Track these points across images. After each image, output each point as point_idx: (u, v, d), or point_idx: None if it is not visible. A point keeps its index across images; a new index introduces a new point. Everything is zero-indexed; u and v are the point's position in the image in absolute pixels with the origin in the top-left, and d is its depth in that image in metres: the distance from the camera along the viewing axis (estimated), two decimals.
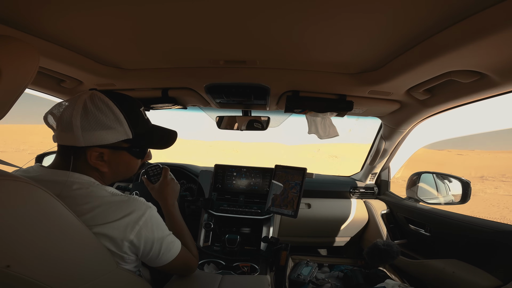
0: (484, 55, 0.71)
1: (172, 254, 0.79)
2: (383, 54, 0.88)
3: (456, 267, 1.20)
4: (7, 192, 0.48)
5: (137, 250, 0.70)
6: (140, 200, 0.72)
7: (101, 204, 0.65)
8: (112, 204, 0.67)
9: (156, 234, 0.73)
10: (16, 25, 0.76)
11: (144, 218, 0.69)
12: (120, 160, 0.75)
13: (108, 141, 0.69)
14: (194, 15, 0.68)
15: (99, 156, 0.70)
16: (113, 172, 0.76)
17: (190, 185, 1.96)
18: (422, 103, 1.19)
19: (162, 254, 0.75)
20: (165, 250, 0.76)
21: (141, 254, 0.72)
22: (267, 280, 1.06)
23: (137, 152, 0.78)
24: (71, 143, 0.66)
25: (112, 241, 0.65)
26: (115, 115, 0.69)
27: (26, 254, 0.50)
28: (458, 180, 1.50)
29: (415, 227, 1.55)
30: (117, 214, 0.66)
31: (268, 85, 1.19)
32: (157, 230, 0.73)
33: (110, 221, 0.64)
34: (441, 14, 0.62)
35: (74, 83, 1.23)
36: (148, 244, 0.71)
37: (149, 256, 0.74)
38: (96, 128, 0.66)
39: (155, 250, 0.73)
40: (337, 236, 1.94)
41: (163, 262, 0.78)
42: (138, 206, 0.70)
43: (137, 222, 0.68)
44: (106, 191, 0.69)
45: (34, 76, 0.54)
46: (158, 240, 0.73)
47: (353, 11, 0.63)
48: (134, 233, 0.67)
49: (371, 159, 1.82)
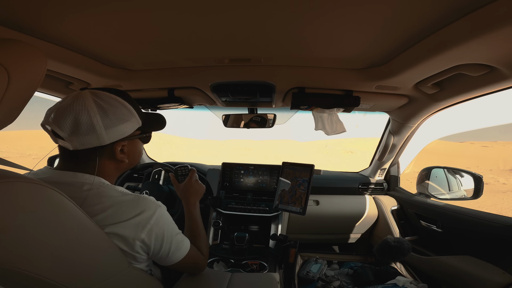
0: (493, 48, 0.69)
1: (181, 253, 0.80)
2: (389, 49, 0.86)
3: (469, 264, 1.18)
4: (20, 194, 0.49)
5: (148, 249, 0.71)
6: (150, 199, 0.73)
7: (113, 204, 0.66)
8: (123, 203, 0.68)
9: (166, 233, 0.74)
10: (23, 28, 0.77)
11: (155, 217, 0.70)
12: (135, 148, 0.79)
13: (127, 133, 0.72)
14: (198, 14, 0.68)
15: (121, 149, 0.73)
16: (130, 162, 0.79)
17: None
18: (431, 97, 1.16)
19: (172, 253, 0.76)
20: (175, 249, 0.77)
21: (152, 253, 0.73)
22: (276, 278, 1.06)
23: (146, 137, 0.83)
24: (95, 144, 0.67)
25: (124, 240, 0.66)
26: (126, 107, 0.72)
27: (41, 255, 0.51)
28: (470, 174, 1.47)
29: (426, 223, 1.53)
30: (128, 213, 0.67)
31: (273, 82, 1.19)
32: (167, 229, 0.74)
33: (121, 220, 0.65)
34: (449, 6, 0.61)
35: (82, 85, 1.25)
36: (158, 243, 0.72)
37: (159, 255, 0.75)
38: (117, 123, 0.69)
39: (165, 249, 0.74)
40: (347, 233, 1.92)
41: (173, 261, 0.79)
42: (149, 205, 0.71)
43: (148, 221, 0.69)
44: (116, 191, 0.70)
45: (43, 79, 0.55)
46: (168, 238, 0.74)
47: (359, 4, 0.62)
48: (145, 232, 0.68)
49: (380, 155, 1.80)
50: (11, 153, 22.71)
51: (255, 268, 1.32)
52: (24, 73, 0.50)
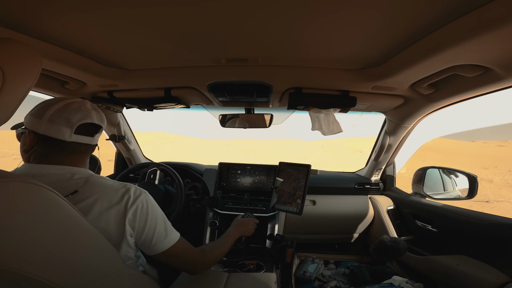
0: (488, 49, 0.70)
1: (167, 243, 0.82)
2: (385, 50, 0.87)
3: (464, 263, 1.19)
4: (16, 194, 0.48)
5: (133, 229, 0.76)
6: (135, 186, 0.81)
7: (103, 190, 0.75)
8: (112, 188, 0.76)
9: (150, 217, 0.79)
10: (18, 27, 0.76)
11: (140, 200, 0.78)
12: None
13: None
14: (195, 14, 0.68)
15: None
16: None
17: (195, 183, 1.97)
18: (426, 98, 1.17)
19: (156, 239, 0.80)
20: (159, 236, 0.81)
21: (135, 235, 0.77)
22: (273, 278, 1.06)
23: None
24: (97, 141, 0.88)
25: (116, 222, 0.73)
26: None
27: (37, 255, 0.51)
28: (464, 174, 1.48)
29: (422, 223, 1.54)
30: (117, 196, 0.75)
31: (270, 82, 1.19)
32: (151, 213, 0.80)
33: (113, 203, 0.74)
34: (444, 8, 0.61)
35: (78, 84, 1.24)
36: (142, 224, 0.77)
37: (142, 238, 0.78)
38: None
39: (149, 233, 0.79)
40: (343, 232, 1.93)
41: (158, 250, 0.81)
42: (134, 190, 0.79)
43: (134, 202, 0.76)
44: (104, 179, 0.79)
45: (37, 78, 0.55)
46: (151, 222, 0.79)
47: (354, 6, 0.63)
48: (131, 211, 0.75)
49: (376, 155, 1.81)
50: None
51: (252, 268, 1.32)
52: (19, 72, 0.50)
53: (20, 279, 0.49)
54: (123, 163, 2.16)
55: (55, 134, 0.73)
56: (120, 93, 1.40)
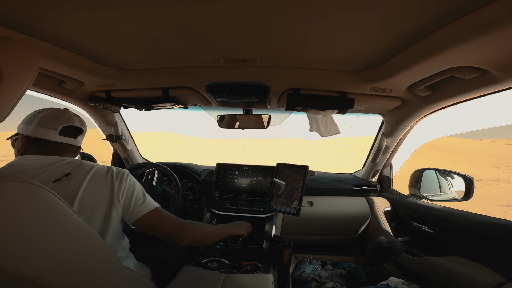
0: (485, 52, 0.71)
1: (144, 208, 0.93)
2: (383, 51, 0.87)
3: (460, 265, 1.19)
4: (12, 194, 0.48)
5: (118, 192, 0.89)
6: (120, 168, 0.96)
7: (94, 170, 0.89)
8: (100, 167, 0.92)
9: (129, 184, 0.93)
10: (16, 26, 0.76)
11: (121, 173, 0.94)
12: None
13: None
14: (194, 15, 0.68)
15: None
16: None
17: (192, 184, 1.96)
18: (424, 100, 1.18)
19: (134, 203, 0.91)
20: (137, 199, 0.93)
21: (117, 197, 0.88)
22: (270, 279, 1.06)
23: None
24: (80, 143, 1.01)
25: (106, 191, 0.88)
26: None
27: (33, 254, 0.51)
28: (461, 176, 1.49)
29: (418, 224, 1.55)
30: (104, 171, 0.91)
31: (268, 83, 1.19)
32: (130, 182, 0.94)
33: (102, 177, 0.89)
34: (441, 10, 0.62)
35: (75, 84, 1.23)
36: (121, 190, 0.90)
37: (122, 201, 0.89)
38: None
39: (127, 198, 0.91)
40: (340, 233, 1.93)
41: (136, 215, 0.91)
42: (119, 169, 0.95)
43: (118, 174, 0.93)
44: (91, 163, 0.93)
45: (35, 77, 0.55)
46: (129, 189, 0.92)
47: (353, 8, 0.63)
48: (117, 181, 0.90)
49: (373, 156, 1.82)
50: None
51: (249, 269, 1.32)
52: (17, 71, 0.50)
53: (16, 279, 0.48)
54: (120, 163, 2.15)
55: (43, 135, 0.87)
56: (118, 93, 1.39)
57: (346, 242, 2.00)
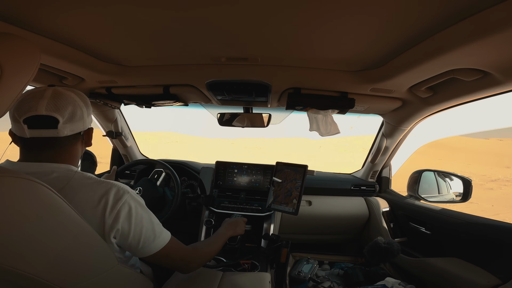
0: (487, 54, 0.70)
1: (155, 245, 0.77)
2: (385, 52, 0.87)
3: (456, 266, 1.20)
4: (9, 189, 0.48)
5: (117, 233, 0.70)
6: (117, 185, 0.73)
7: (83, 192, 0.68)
8: (91, 188, 0.69)
9: (135, 220, 0.72)
10: (17, 22, 0.76)
11: (121, 202, 0.70)
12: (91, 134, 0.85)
13: (90, 122, 0.82)
14: (196, 12, 0.68)
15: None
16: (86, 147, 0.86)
17: (191, 182, 1.96)
18: (424, 101, 1.18)
19: (143, 243, 0.74)
20: (146, 239, 0.74)
21: (119, 238, 0.71)
22: (268, 277, 1.06)
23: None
24: (80, 129, 0.76)
25: (98, 226, 0.67)
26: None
27: (29, 251, 0.50)
28: (459, 178, 1.50)
29: (415, 225, 1.55)
30: (95, 198, 0.68)
31: (269, 82, 1.19)
32: (135, 216, 0.72)
33: (92, 206, 0.67)
34: (443, 12, 0.62)
35: (76, 80, 1.23)
36: (126, 230, 0.70)
37: (128, 242, 0.72)
38: (90, 112, 0.81)
39: (134, 238, 0.72)
40: (338, 233, 1.94)
41: (145, 253, 0.76)
42: (115, 190, 0.71)
43: (115, 206, 0.69)
44: (85, 177, 0.72)
45: (35, 73, 0.54)
46: (136, 226, 0.72)
47: (355, 8, 0.63)
48: (112, 216, 0.68)
49: (372, 157, 1.82)
50: None
51: (246, 268, 1.32)
52: (17, 67, 0.50)
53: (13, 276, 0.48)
54: (119, 159, 2.15)
55: (19, 132, 0.68)
56: (119, 90, 1.39)
57: (343, 242, 2.01)
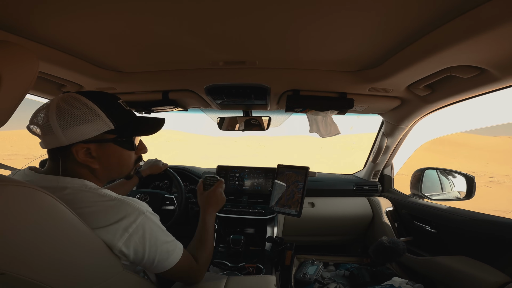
0: (483, 50, 0.71)
1: (169, 262, 0.76)
2: (382, 51, 0.87)
3: (463, 264, 1.19)
4: (12, 198, 0.48)
5: (128, 258, 0.68)
6: (133, 205, 0.69)
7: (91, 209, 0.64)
8: (102, 209, 0.65)
9: (149, 243, 0.70)
10: (14, 30, 0.76)
11: (134, 225, 0.67)
12: (109, 153, 0.73)
13: (90, 135, 0.67)
14: (192, 17, 0.68)
15: (86, 152, 0.69)
16: (105, 167, 0.74)
17: (193, 187, 1.96)
18: (423, 99, 1.18)
19: (158, 262, 0.73)
20: (161, 258, 0.74)
21: (132, 261, 0.70)
22: (273, 280, 1.06)
23: (124, 142, 0.75)
24: (55, 144, 0.66)
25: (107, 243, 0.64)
26: (90, 108, 0.67)
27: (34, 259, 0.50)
28: (462, 175, 1.49)
29: (420, 224, 1.54)
30: (107, 219, 0.64)
31: (268, 85, 1.19)
32: (150, 238, 0.70)
33: (99, 226, 0.63)
34: (439, 9, 0.62)
35: (75, 87, 1.24)
36: (140, 253, 0.69)
37: (143, 263, 0.71)
38: (73, 123, 0.65)
39: (149, 258, 0.71)
40: (342, 234, 1.93)
41: (159, 270, 0.76)
42: (129, 212, 0.67)
43: (127, 230, 0.66)
44: (98, 195, 0.67)
45: (34, 81, 0.55)
46: (151, 248, 0.70)
47: (350, 8, 0.63)
48: (122, 241, 0.65)
49: (374, 157, 1.81)
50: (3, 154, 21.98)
51: (251, 271, 1.31)
52: (16, 75, 0.50)
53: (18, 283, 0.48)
54: None
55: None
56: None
57: (348, 242, 2.00)
